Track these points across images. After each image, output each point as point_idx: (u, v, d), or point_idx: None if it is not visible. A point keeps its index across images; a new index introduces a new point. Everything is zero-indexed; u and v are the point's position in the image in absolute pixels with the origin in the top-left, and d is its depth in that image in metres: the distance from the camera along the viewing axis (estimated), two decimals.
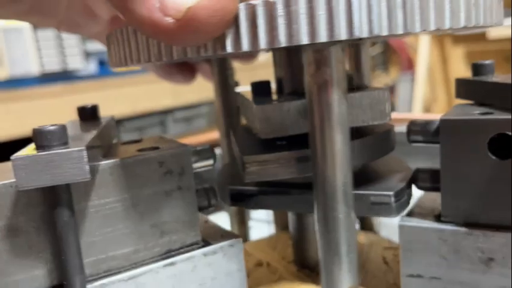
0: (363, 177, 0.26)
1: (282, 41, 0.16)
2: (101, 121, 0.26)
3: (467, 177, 0.22)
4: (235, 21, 0.17)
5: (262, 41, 0.17)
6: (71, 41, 1.09)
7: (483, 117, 0.22)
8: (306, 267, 0.29)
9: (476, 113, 0.22)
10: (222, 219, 0.35)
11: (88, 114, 0.27)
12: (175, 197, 0.23)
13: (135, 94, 1.43)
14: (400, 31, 0.17)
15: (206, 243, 0.24)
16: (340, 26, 0.17)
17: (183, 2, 0.16)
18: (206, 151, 0.25)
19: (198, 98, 1.71)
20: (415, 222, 0.24)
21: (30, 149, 0.18)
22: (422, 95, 1.61)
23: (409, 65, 1.71)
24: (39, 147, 0.18)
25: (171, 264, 0.22)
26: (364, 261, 0.31)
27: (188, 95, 1.68)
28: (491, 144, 0.21)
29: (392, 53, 1.78)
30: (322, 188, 0.20)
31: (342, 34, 0.17)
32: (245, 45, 0.17)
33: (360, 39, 0.18)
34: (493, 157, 0.21)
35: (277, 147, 0.24)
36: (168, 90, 1.59)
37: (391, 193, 0.23)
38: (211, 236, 0.25)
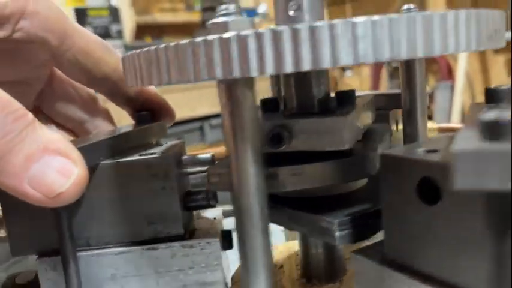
0: (338, 200, 0.26)
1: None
2: (147, 126, 0.33)
3: (401, 218, 0.21)
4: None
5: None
6: None
7: (412, 156, 0.20)
8: (310, 279, 0.31)
9: (421, 150, 0.20)
10: None
11: (141, 120, 0.34)
12: (160, 196, 0.28)
13: (174, 101, 1.46)
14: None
15: (191, 237, 0.28)
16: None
17: (56, 188, 0.22)
18: (207, 161, 0.29)
19: None
20: (361, 254, 0.23)
21: None
22: (461, 103, 1.52)
23: (448, 73, 1.62)
24: None
25: (153, 248, 0.28)
26: None
27: None
28: (424, 186, 0.20)
29: (432, 61, 1.66)
30: (234, 206, 0.22)
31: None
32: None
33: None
34: (421, 201, 0.20)
35: None
36: (204, 98, 1.58)
37: (335, 221, 0.23)
38: (202, 231, 0.29)
